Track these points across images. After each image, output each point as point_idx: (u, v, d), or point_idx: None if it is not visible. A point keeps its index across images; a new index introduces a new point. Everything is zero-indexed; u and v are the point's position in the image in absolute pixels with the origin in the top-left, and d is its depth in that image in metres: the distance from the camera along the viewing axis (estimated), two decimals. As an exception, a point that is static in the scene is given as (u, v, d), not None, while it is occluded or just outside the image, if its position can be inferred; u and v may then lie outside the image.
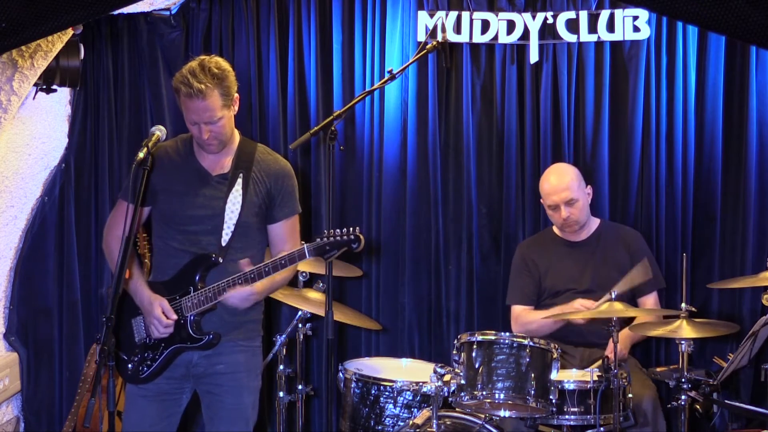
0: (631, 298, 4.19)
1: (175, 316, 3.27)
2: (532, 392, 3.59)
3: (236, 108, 3.34)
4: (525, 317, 4.23)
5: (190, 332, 3.29)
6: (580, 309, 3.96)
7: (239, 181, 3.33)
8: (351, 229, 3.19)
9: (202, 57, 3.26)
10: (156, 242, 3.42)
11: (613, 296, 3.69)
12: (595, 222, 4.32)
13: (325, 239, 3.18)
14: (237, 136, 3.41)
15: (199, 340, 3.29)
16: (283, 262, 3.20)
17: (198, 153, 3.38)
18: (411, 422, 3.68)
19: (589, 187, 4.28)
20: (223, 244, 3.31)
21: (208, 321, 3.32)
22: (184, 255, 3.32)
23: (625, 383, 3.64)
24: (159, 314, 3.26)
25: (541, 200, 4.31)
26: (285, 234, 3.43)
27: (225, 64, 3.26)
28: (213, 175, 3.35)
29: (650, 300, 4.25)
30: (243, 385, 3.39)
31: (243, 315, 3.36)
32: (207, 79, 3.17)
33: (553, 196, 4.18)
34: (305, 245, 3.19)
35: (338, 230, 3.19)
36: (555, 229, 4.35)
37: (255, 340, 3.46)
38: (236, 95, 3.31)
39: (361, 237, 3.18)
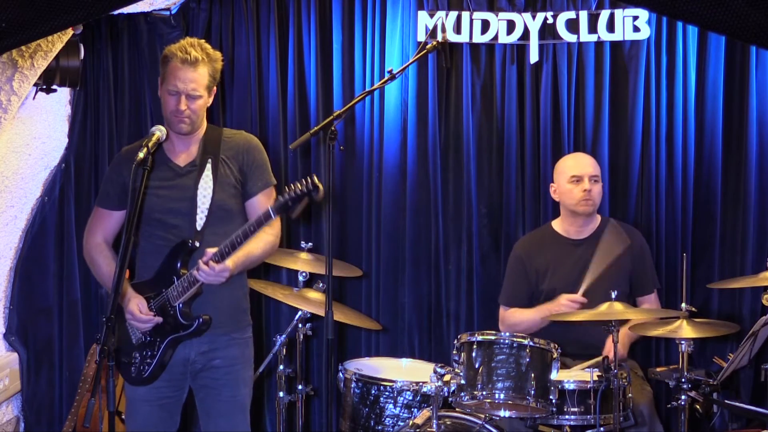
0: (629, 296, 4.20)
1: (149, 312, 3.28)
2: (532, 392, 3.59)
3: (211, 100, 3.38)
4: (511, 318, 4.22)
5: (180, 320, 3.30)
6: (568, 305, 3.99)
7: (208, 165, 3.36)
8: (308, 179, 3.14)
9: (196, 39, 3.36)
10: (141, 243, 3.42)
11: (614, 296, 3.69)
12: (598, 219, 4.32)
13: (286, 196, 3.15)
14: (204, 125, 3.44)
15: (189, 326, 3.30)
16: (251, 228, 3.18)
17: (167, 148, 3.40)
18: (411, 422, 3.68)
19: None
20: (198, 228, 3.32)
21: (200, 310, 3.32)
22: (168, 250, 3.34)
23: (625, 383, 3.64)
24: (133, 308, 3.27)
25: (552, 185, 4.32)
26: (262, 208, 3.39)
27: (218, 52, 3.37)
28: (182, 165, 3.38)
29: (650, 300, 4.25)
30: (240, 377, 3.43)
31: (232, 303, 3.38)
32: (203, 53, 3.29)
33: (580, 168, 4.21)
34: (269, 206, 3.18)
35: (296, 183, 3.15)
36: (555, 225, 4.33)
37: (247, 331, 3.50)
38: (215, 88, 3.37)
39: (320, 184, 3.14)
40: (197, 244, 3.30)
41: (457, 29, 4.58)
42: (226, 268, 3.23)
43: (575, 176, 4.20)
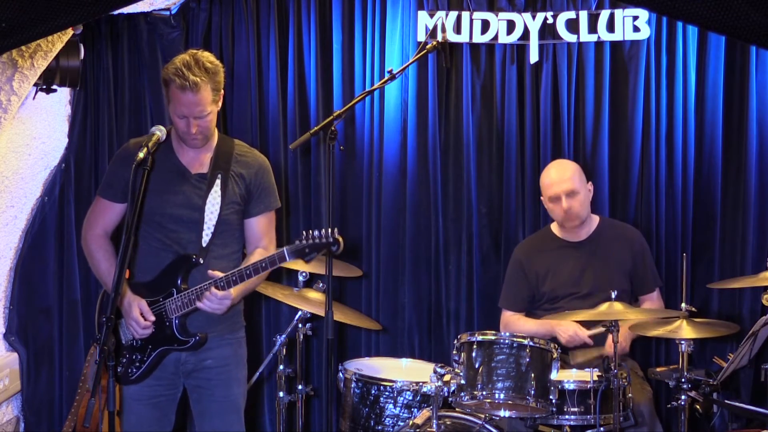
0: (631, 294, 4.19)
1: (153, 318, 3.27)
2: (532, 392, 3.59)
3: (220, 105, 3.33)
4: (513, 325, 4.21)
5: (176, 335, 3.30)
6: (572, 337, 4.00)
7: (218, 181, 3.34)
8: (330, 230, 3.19)
9: (193, 51, 3.28)
10: (139, 243, 3.39)
11: (614, 297, 3.69)
12: (595, 220, 4.31)
13: (305, 242, 3.19)
14: (216, 133, 3.42)
15: (185, 342, 3.30)
16: (263, 265, 3.21)
17: (177, 149, 3.38)
18: (411, 422, 3.68)
19: (590, 183, 4.27)
20: (204, 244, 3.31)
21: (194, 318, 3.32)
22: (165, 254, 3.32)
23: (625, 383, 3.64)
24: (137, 316, 3.26)
25: (542, 197, 4.30)
26: (260, 230, 3.43)
27: (216, 60, 3.29)
28: (192, 173, 3.36)
29: (652, 298, 4.25)
30: (232, 377, 3.42)
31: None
32: (201, 73, 3.19)
33: (555, 187, 4.16)
34: (285, 248, 3.20)
35: (318, 232, 3.19)
36: (554, 228, 4.34)
37: (239, 331, 3.49)
38: (222, 91, 3.31)
39: (340, 239, 3.19)
40: (201, 260, 3.29)
41: (457, 29, 4.58)
42: (229, 295, 3.25)
43: (551, 197, 4.18)
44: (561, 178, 4.16)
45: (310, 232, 3.21)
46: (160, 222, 3.33)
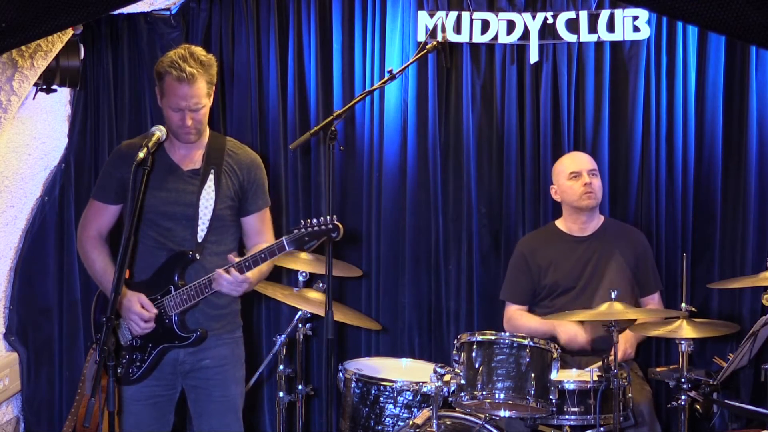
0: (632, 297, 4.19)
1: (155, 311, 3.28)
2: (532, 392, 3.59)
3: (211, 101, 3.35)
4: (517, 321, 4.22)
5: (176, 331, 3.30)
6: (572, 339, 4.02)
7: (211, 176, 3.34)
8: (330, 218, 3.21)
9: (186, 45, 3.30)
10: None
11: (614, 296, 3.69)
12: (600, 218, 4.32)
13: (303, 230, 3.20)
14: (207, 129, 3.43)
15: (186, 339, 3.31)
16: (263, 256, 3.22)
17: (168, 148, 3.38)
18: (411, 422, 3.68)
19: None
20: (199, 240, 3.32)
21: (191, 316, 3.33)
22: (161, 252, 3.33)
23: (625, 383, 3.64)
24: (138, 309, 3.26)
25: (552, 186, 4.32)
26: (259, 226, 3.46)
27: (209, 54, 3.30)
28: (184, 170, 3.36)
29: (653, 300, 4.25)
30: (230, 376, 3.42)
31: (224, 307, 3.38)
32: (197, 65, 3.22)
33: (577, 164, 4.24)
34: (284, 238, 3.21)
35: (316, 219, 3.21)
36: (558, 224, 4.34)
37: (237, 331, 3.49)
38: (214, 86, 3.33)
39: (340, 225, 3.20)
40: (197, 256, 3.30)
41: (457, 29, 4.58)
42: (247, 278, 3.25)
43: (574, 172, 4.22)
44: (582, 159, 4.28)
45: (309, 220, 3.23)
46: (155, 220, 3.33)
